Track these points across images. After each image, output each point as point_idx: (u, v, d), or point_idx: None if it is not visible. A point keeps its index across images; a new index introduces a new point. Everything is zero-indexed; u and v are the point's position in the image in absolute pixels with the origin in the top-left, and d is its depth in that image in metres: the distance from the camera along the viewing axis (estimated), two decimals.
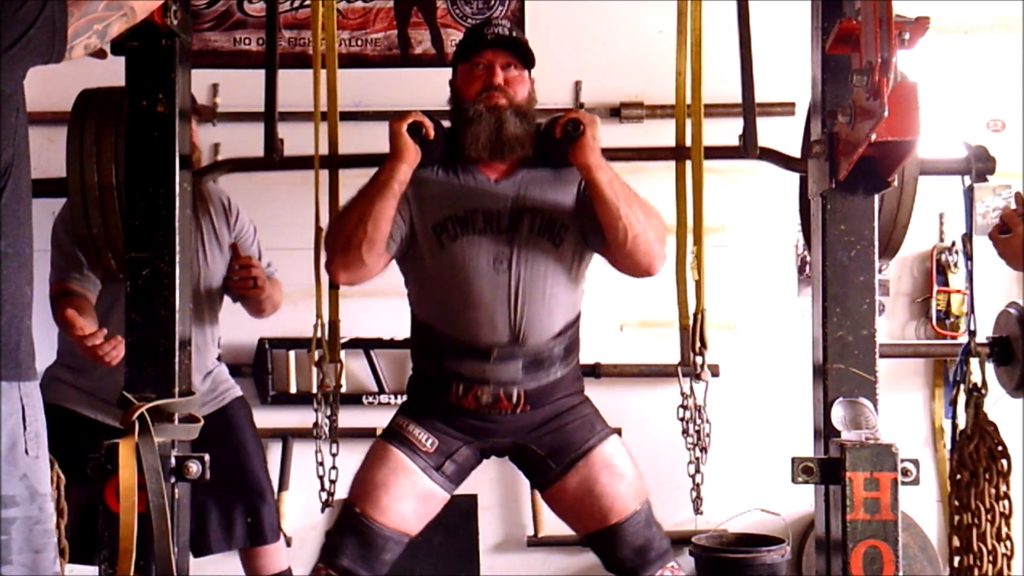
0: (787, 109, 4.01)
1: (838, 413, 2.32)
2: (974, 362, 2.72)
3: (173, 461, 2.30)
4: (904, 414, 4.08)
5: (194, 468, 2.30)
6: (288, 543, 4.00)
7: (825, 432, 2.34)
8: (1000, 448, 2.62)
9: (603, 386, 3.91)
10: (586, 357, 3.26)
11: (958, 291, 4.05)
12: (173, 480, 2.30)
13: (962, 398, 2.82)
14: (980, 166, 2.63)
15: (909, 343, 4.12)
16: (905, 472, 2.24)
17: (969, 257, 2.82)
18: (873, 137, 1.99)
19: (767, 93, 3.98)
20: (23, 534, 1.91)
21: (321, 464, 2.69)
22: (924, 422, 4.17)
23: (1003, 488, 2.61)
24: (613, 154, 2.63)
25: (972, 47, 4.11)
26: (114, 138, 2.38)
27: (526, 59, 2.66)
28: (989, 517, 2.60)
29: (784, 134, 3.75)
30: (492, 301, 2.53)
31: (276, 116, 2.55)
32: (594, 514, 2.58)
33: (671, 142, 2.78)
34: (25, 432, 1.92)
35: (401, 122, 2.52)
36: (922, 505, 3.98)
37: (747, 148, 2.54)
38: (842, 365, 2.34)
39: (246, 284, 3.12)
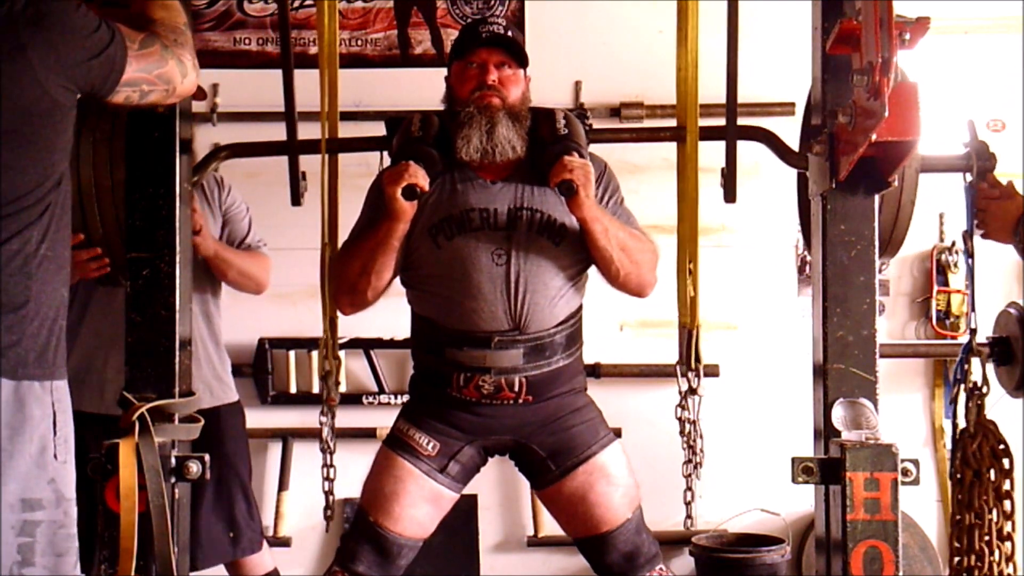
0: (787, 109, 4.02)
1: (838, 413, 2.31)
2: (975, 360, 2.69)
3: (173, 461, 2.30)
4: (904, 414, 4.09)
5: (194, 468, 2.30)
6: (287, 544, 4.02)
7: (825, 432, 2.34)
8: (1002, 447, 2.61)
9: (603, 386, 3.92)
10: (586, 357, 3.26)
11: (958, 291, 4.05)
12: (173, 480, 2.30)
13: (962, 397, 2.81)
14: (981, 164, 2.59)
15: (909, 343, 4.13)
16: (905, 472, 2.23)
17: (970, 254, 2.73)
18: (874, 137, 1.99)
19: (767, 93, 4.01)
20: (47, 537, 1.95)
21: (327, 479, 2.71)
22: (924, 422, 4.18)
23: (1005, 486, 2.58)
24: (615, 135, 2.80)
25: (972, 47, 4.12)
26: (110, 138, 2.37)
27: (521, 58, 2.65)
28: (992, 515, 2.57)
29: (784, 134, 3.79)
30: (491, 292, 2.52)
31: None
32: (586, 521, 2.61)
33: (670, 143, 2.79)
34: (55, 437, 1.96)
35: (395, 186, 2.46)
36: (922, 505, 3.98)
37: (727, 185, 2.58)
38: (842, 365, 2.33)
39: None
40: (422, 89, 4.12)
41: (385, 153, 2.75)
